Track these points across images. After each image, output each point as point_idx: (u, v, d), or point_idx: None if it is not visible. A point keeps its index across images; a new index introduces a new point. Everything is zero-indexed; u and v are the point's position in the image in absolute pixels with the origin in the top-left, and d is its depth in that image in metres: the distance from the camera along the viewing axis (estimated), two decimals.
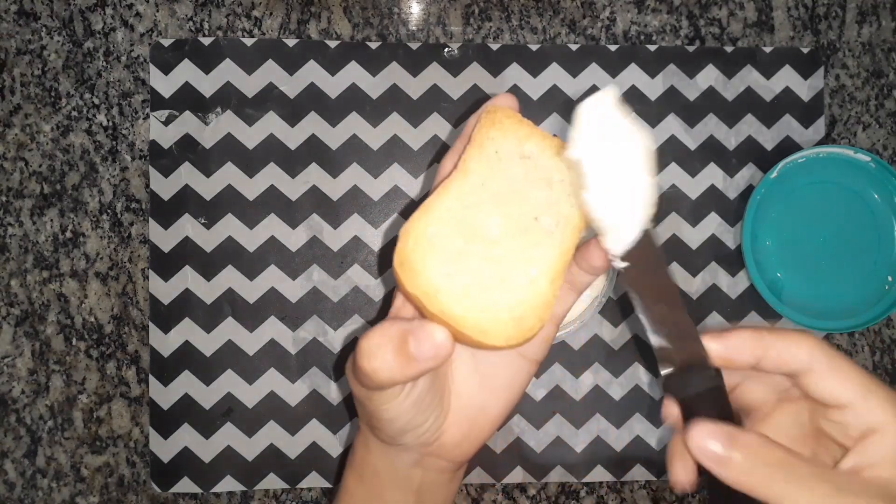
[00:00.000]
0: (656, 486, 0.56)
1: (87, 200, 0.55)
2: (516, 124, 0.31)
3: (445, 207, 0.30)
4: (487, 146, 0.31)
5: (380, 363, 0.28)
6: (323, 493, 0.55)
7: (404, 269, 0.29)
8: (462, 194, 0.30)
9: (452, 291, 0.29)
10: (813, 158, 0.54)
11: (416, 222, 0.29)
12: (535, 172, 0.31)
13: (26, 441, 0.55)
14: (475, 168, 0.31)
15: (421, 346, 0.27)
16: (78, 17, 0.56)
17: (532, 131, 0.31)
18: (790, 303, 0.55)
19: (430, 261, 0.29)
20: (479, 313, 0.29)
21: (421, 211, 0.30)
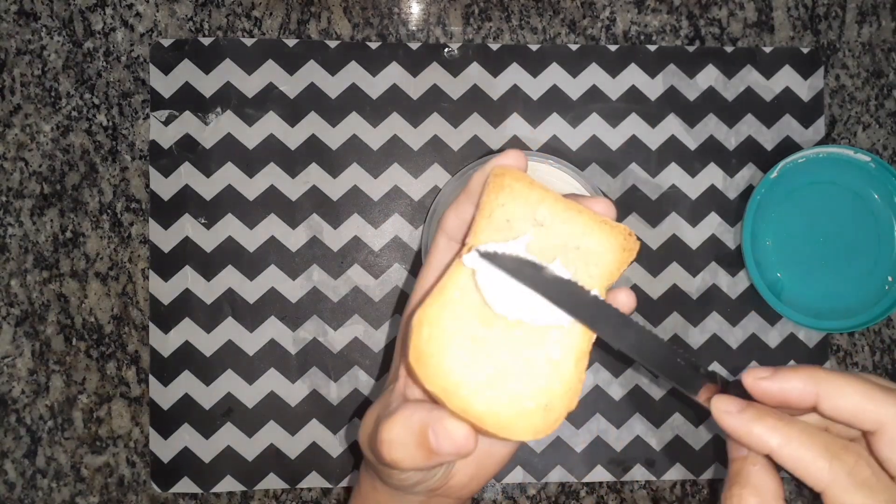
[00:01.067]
0: (656, 486, 0.56)
1: (87, 200, 0.55)
2: (527, 188, 0.29)
3: (458, 288, 0.27)
4: (497, 215, 0.28)
5: (401, 455, 0.28)
6: (323, 493, 0.55)
7: (421, 364, 0.27)
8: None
9: (473, 385, 0.27)
10: (813, 158, 0.54)
11: (429, 309, 0.27)
12: (549, 240, 0.29)
13: (26, 441, 0.55)
14: (486, 240, 0.28)
15: (441, 443, 0.27)
16: (78, 17, 0.56)
17: (544, 195, 0.29)
18: (790, 303, 0.55)
19: (447, 353, 0.27)
20: (502, 408, 0.27)
21: (433, 296, 0.27)
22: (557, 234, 0.29)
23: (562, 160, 0.53)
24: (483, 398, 0.27)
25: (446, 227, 0.32)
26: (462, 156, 0.56)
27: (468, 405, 0.27)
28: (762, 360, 0.56)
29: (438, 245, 0.32)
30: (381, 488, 0.35)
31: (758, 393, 0.26)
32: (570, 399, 0.27)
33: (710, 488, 0.56)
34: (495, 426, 0.27)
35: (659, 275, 0.56)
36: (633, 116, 0.57)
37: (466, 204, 0.31)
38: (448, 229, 0.32)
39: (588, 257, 0.29)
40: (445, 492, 0.34)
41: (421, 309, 0.27)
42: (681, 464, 0.56)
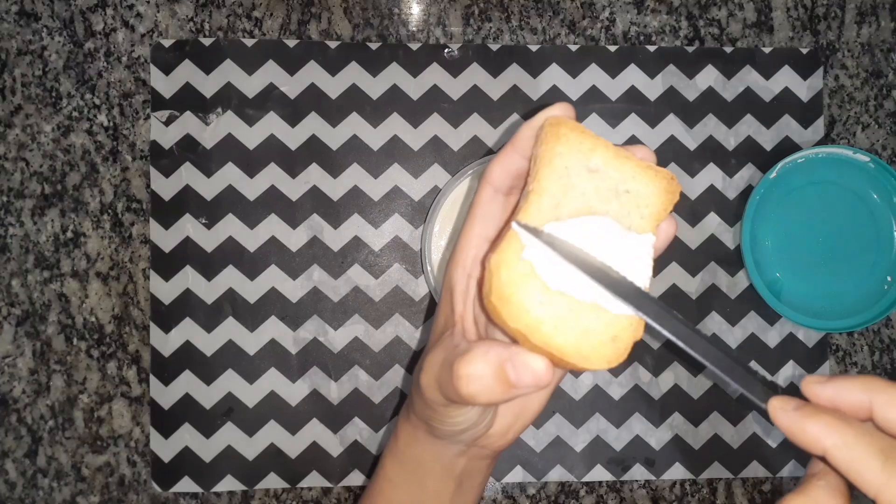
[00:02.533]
0: (656, 485, 0.56)
1: (87, 200, 0.55)
2: (580, 136, 0.31)
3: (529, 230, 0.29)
4: (557, 163, 0.30)
5: (479, 388, 0.29)
6: (323, 492, 0.55)
7: (503, 303, 0.28)
8: (541, 217, 0.30)
9: (551, 321, 0.29)
10: (812, 159, 0.54)
11: (505, 253, 0.29)
12: (603, 185, 0.31)
13: (27, 441, 0.55)
14: (548, 187, 0.30)
15: (521, 376, 0.28)
16: (79, 17, 0.56)
17: (596, 142, 0.31)
18: (789, 303, 0.55)
19: (527, 292, 0.29)
20: (578, 340, 0.29)
21: (507, 241, 0.29)
22: (610, 180, 0.31)
23: None
24: (561, 334, 0.29)
25: (492, 179, 0.33)
26: (462, 156, 0.56)
27: (548, 339, 0.28)
28: (761, 360, 0.56)
29: (483, 197, 0.33)
30: (423, 439, 0.36)
31: (813, 398, 0.26)
32: (636, 329, 0.29)
33: (710, 487, 0.56)
34: (574, 356, 0.29)
35: (658, 275, 0.56)
36: (633, 117, 0.57)
37: (514, 155, 0.32)
38: (494, 180, 0.32)
39: (638, 199, 0.31)
40: (484, 441, 0.35)
41: (497, 253, 0.29)
42: (680, 463, 0.56)
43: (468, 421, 0.32)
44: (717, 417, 0.56)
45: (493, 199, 0.33)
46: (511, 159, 0.32)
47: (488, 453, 0.37)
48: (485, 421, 0.33)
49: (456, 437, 0.34)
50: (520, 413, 0.35)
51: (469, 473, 0.37)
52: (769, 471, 0.56)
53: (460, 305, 0.33)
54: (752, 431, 0.56)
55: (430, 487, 0.37)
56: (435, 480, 0.36)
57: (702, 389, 0.56)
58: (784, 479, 0.57)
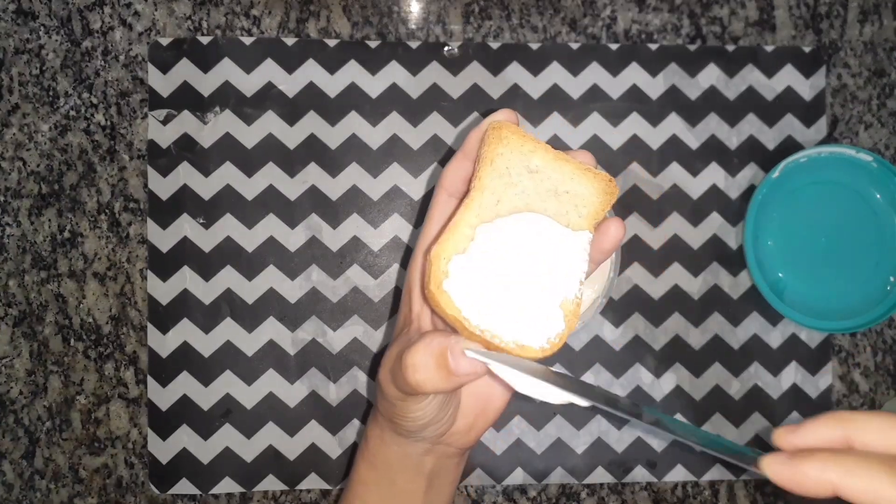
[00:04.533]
0: (657, 487, 0.56)
1: (85, 200, 0.55)
2: (521, 139, 0.33)
3: (469, 226, 0.31)
4: (498, 163, 0.32)
5: (423, 377, 0.30)
6: (322, 494, 0.55)
7: (440, 293, 0.30)
8: (482, 212, 0.31)
9: (487, 311, 0.30)
10: (815, 158, 0.54)
11: (445, 244, 0.31)
12: (542, 185, 0.32)
13: (24, 442, 0.54)
14: (489, 185, 0.32)
15: (459, 364, 0.30)
16: (76, 16, 0.56)
17: (536, 145, 0.33)
18: (792, 303, 0.54)
19: (465, 283, 0.30)
20: (514, 329, 0.30)
21: (448, 232, 0.31)
22: (549, 180, 0.33)
23: None
24: (497, 323, 0.30)
25: (445, 184, 0.35)
26: None
27: (485, 328, 0.30)
28: (764, 361, 0.56)
29: (439, 200, 0.35)
30: (389, 440, 0.37)
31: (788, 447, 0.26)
32: (571, 321, 0.31)
33: (712, 489, 0.56)
34: (509, 345, 0.30)
35: (660, 275, 0.56)
36: (634, 115, 0.56)
37: (464, 161, 0.34)
38: (447, 185, 0.35)
39: (576, 199, 0.33)
40: (448, 439, 0.37)
41: (438, 244, 0.31)
42: (682, 465, 0.55)
43: (427, 416, 0.33)
44: (719, 419, 0.56)
45: (447, 202, 0.35)
46: (461, 164, 0.34)
47: (454, 451, 0.38)
48: (445, 417, 0.35)
49: (419, 434, 0.35)
50: (481, 411, 0.37)
51: (438, 472, 0.38)
52: None
53: (417, 304, 0.35)
54: (754, 433, 0.56)
55: (400, 487, 0.38)
56: (405, 480, 0.38)
57: (704, 391, 0.56)
58: None
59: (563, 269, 0.31)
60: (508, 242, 0.31)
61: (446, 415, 0.35)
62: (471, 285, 0.30)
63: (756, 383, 0.56)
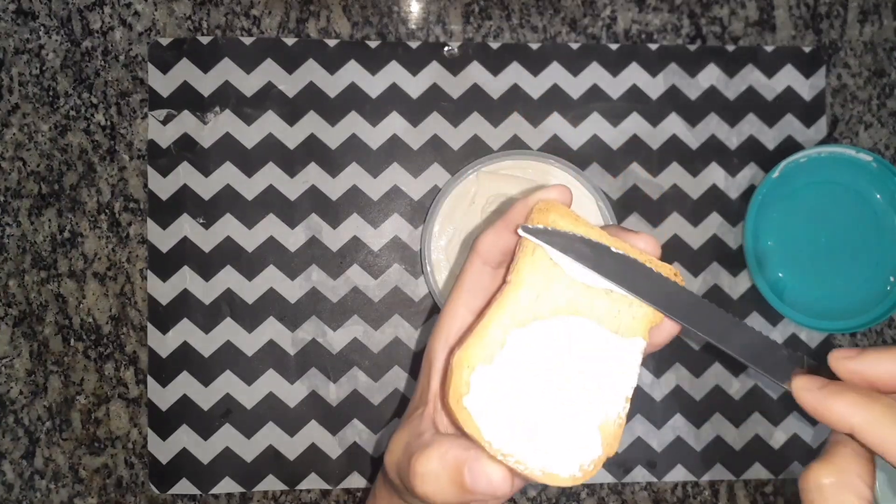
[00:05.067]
0: (657, 487, 0.56)
1: (85, 200, 0.55)
2: (572, 224, 0.28)
3: (501, 328, 0.27)
4: (540, 252, 0.28)
5: (433, 489, 0.27)
6: (322, 494, 0.55)
7: (459, 409, 0.26)
8: (516, 313, 0.27)
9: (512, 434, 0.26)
10: (815, 158, 0.54)
11: (469, 351, 0.26)
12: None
13: (24, 442, 0.54)
14: (528, 279, 0.27)
15: (477, 483, 0.26)
16: (76, 16, 0.56)
17: (588, 231, 0.28)
18: (792, 303, 0.54)
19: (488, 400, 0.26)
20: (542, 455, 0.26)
21: (475, 336, 0.27)
22: None
23: (562, 160, 0.52)
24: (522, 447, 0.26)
25: (481, 251, 0.31)
26: (462, 155, 0.56)
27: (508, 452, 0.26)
28: None
29: (472, 268, 0.31)
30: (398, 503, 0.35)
31: (844, 374, 0.24)
32: (612, 444, 0.27)
33: (712, 489, 0.56)
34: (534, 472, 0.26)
35: None
36: (634, 115, 0.56)
37: (505, 232, 0.31)
38: (483, 253, 0.31)
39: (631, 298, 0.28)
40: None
41: (462, 349, 0.27)
42: (682, 465, 0.55)
43: None
44: (718, 419, 0.56)
45: (481, 270, 0.31)
46: (502, 235, 0.31)
47: None
48: None
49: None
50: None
51: None
52: (772, 473, 0.56)
53: (436, 383, 0.31)
54: (754, 433, 0.56)
55: None
56: None
57: (704, 391, 0.56)
58: (787, 480, 0.56)
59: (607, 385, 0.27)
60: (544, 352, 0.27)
61: None
62: (495, 404, 0.26)
63: (756, 383, 0.56)
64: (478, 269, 0.31)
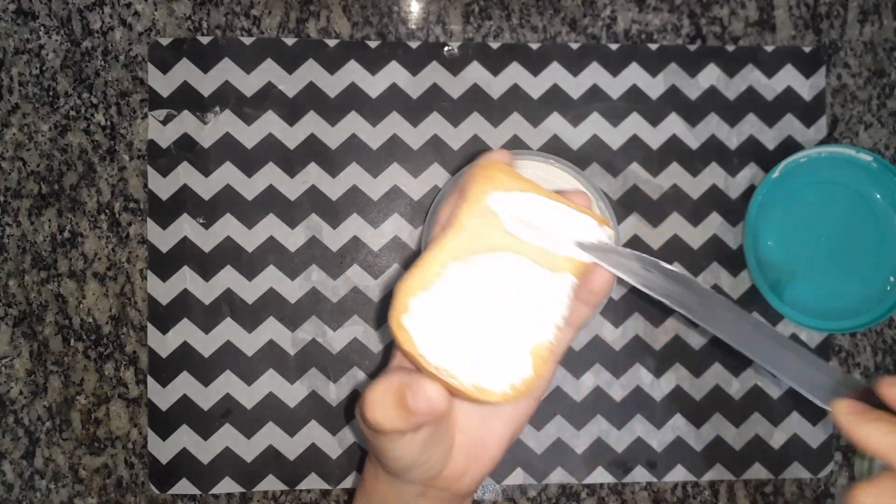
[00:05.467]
0: (657, 487, 0.56)
1: (85, 200, 0.55)
2: (510, 179, 0.31)
3: (440, 263, 0.30)
4: (483, 202, 0.31)
5: (381, 414, 0.29)
6: (322, 494, 0.55)
7: (399, 328, 0.29)
8: (455, 251, 0.30)
9: (448, 351, 0.29)
10: (815, 158, 0.54)
11: (410, 280, 0.29)
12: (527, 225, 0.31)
13: (24, 442, 0.54)
14: (468, 224, 0.30)
15: (417, 402, 0.28)
16: (76, 16, 0.56)
17: (527, 186, 0.31)
18: (792, 303, 0.54)
19: (426, 321, 0.29)
20: (474, 371, 0.29)
21: (416, 268, 0.30)
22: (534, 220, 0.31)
23: (562, 160, 0.52)
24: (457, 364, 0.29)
25: (442, 221, 0.34)
26: (462, 155, 0.56)
27: (443, 367, 0.29)
28: None
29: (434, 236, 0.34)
30: (382, 477, 0.36)
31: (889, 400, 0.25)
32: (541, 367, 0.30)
33: (712, 490, 0.56)
34: (468, 388, 0.29)
35: None
36: (634, 116, 0.56)
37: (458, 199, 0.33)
38: (444, 222, 0.33)
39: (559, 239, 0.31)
40: (440, 483, 0.35)
41: (403, 279, 0.30)
42: (682, 465, 0.55)
43: (407, 457, 0.32)
44: (718, 419, 0.56)
45: None
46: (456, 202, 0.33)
47: (449, 497, 0.36)
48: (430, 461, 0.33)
49: (406, 476, 0.33)
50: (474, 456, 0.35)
51: None
52: (772, 473, 0.56)
53: None
54: (754, 433, 0.56)
55: None
56: None
57: (703, 391, 0.56)
58: (787, 480, 0.56)
59: (538, 314, 0.30)
60: (479, 282, 0.30)
61: (431, 458, 0.33)
62: (432, 324, 0.29)
63: (756, 383, 0.56)
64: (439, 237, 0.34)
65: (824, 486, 0.56)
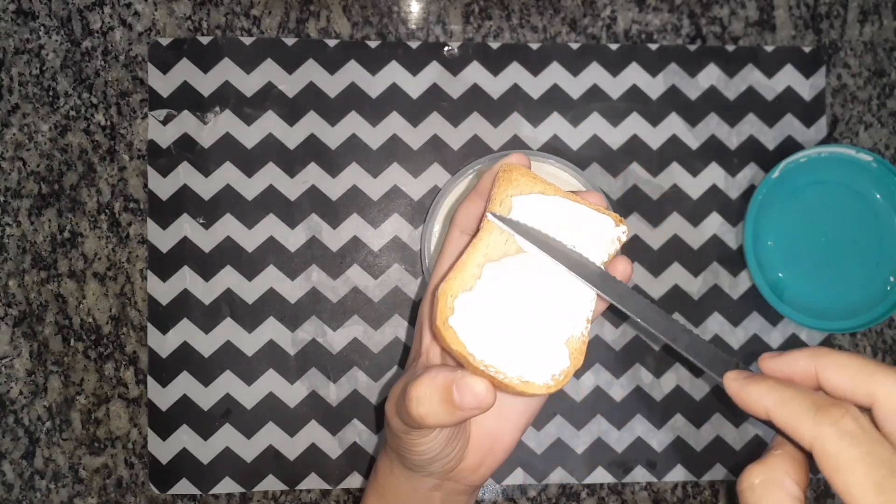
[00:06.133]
0: (657, 487, 0.56)
1: (85, 200, 0.55)
2: (531, 181, 0.33)
3: (477, 265, 0.32)
4: (507, 204, 0.33)
5: (427, 410, 0.30)
6: (322, 494, 0.55)
7: (446, 328, 0.31)
8: (490, 252, 0.32)
9: (492, 347, 0.31)
10: (815, 158, 0.54)
11: (452, 282, 0.31)
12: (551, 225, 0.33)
13: (24, 442, 0.54)
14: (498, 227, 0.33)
15: (464, 398, 0.30)
16: (76, 16, 0.56)
17: (546, 187, 0.33)
18: (792, 303, 0.54)
19: (470, 320, 0.31)
20: (518, 366, 0.31)
21: (455, 271, 0.32)
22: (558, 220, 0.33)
23: (562, 159, 0.52)
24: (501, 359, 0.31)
25: (459, 222, 0.36)
26: (462, 155, 0.56)
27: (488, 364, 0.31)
28: None
29: (452, 237, 0.36)
30: (398, 472, 0.37)
31: (767, 371, 0.28)
32: (578, 356, 0.32)
33: (712, 490, 0.56)
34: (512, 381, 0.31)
35: (660, 275, 0.56)
36: (635, 115, 0.56)
37: (477, 201, 0.35)
38: (460, 223, 0.36)
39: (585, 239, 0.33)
40: (457, 476, 0.36)
41: (445, 282, 0.32)
42: (682, 465, 0.55)
43: (433, 451, 0.33)
44: (718, 419, 0.56)
45: (459, 239, 0.36)
46: (475, 204, 0.35)
47: (463, 489, 0.37)
48: (452, 453, 0.35)
49: (426, 469, 0.35)
50: (490, 449, 0.36)
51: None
52: None
53: (427, 339, 0.35)
54: (754, 433, 0.56)
55: None
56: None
57: (704, 391, 0.56)
58: None
59: (570, 307, 0.32)
60: (515, 281, 0.32)
61: (453, 451, 0.35)
62: (476, 322, 0.31)
63: None
64: (457, 238, 0.36)
65: (824, 486, 0.56)
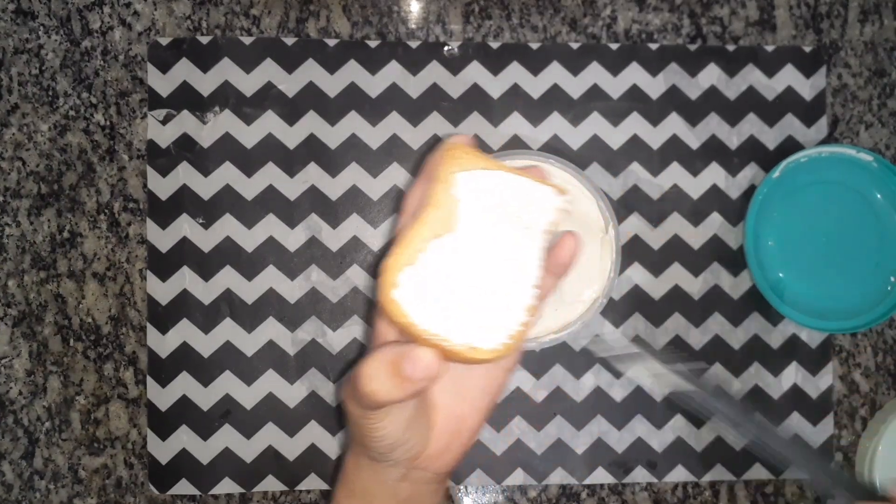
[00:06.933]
0: (657, 487, 0.56)
1: (84, 200, 0.55)
2: (474, 158, 0.33)
3: (422, 240, 0.32)
4: (451, 181, 0.33)
5: (377, 385, 0.31)
6: (322, 494, 0.55)
7: (389, 302, 0.31)
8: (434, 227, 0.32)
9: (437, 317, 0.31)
10: (815, 158, 0.54)
11: (396, 257, 0.32)
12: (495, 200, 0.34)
13: (24, 442, 0.54)
14: (442, 202, 0.33)
15: (414, 368, 0.30)
16: (75, 15, 0.56)
17: (489, 163, 0.34)
18: (792, 303, 0.54)
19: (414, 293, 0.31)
20: (465, 333, 0.31)
21: (399, 246, 0.32)
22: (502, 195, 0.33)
23: (563, 160, 0.52)
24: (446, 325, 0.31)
25: (407, 207, 0.36)
26: None
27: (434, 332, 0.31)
28: (764, 361, 0.56)
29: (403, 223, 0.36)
30: (364, 465, 0.37)
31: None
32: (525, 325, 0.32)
33: (712, 490, 0.56)
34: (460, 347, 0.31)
35: (660, 275, 0.56)
36: (635, 115, 0.56)
37: (424, 183, 0.35)
38: (409, 208, 0.35)
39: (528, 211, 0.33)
40: (423, 463, 0.36)
41: (389, 257, 0.32)
42: (682, 465, 0.55)
43: (392, 435, 0.33)
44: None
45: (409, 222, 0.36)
46: (422, 187, 0.35)
47: (431, 477, 0.37)
48: (414, 438, 0.34)
49: (390, 457, 0.35)
50: (455, 431, 0.36)
51: (415, 499, 0.38)
52: (772, 473, 0.56)
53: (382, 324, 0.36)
54: None
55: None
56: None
57: None
58: (787, 481, 0.56)
59: (516, 276, 0.32)
60: (459, 253, 0.32)
61: (415, 435, 0.34)
62: (420, 293, 0.31)
63: (756, 383, 0.56)
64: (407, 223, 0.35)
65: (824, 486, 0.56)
